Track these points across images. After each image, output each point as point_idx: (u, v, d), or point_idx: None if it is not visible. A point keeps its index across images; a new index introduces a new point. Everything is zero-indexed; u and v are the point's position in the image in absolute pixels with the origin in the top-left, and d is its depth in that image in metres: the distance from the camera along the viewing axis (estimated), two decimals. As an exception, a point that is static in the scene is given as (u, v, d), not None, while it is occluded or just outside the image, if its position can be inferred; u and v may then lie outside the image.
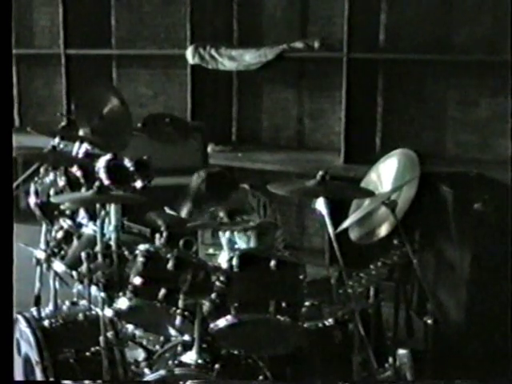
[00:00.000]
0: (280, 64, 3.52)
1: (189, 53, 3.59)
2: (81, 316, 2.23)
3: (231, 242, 2.62)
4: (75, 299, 2.38)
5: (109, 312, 2.10)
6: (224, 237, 2.38)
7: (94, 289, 2.20)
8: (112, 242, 2.22)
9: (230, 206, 2.59)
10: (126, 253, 2.23)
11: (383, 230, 2.45)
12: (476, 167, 2.83)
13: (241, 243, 2.63)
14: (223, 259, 2.13)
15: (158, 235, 2.23)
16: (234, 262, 2.03)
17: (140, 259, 2.11)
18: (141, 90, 4.13)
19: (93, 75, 3.91)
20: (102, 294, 2.12)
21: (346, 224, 2.46)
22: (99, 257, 2.15)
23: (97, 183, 2.18)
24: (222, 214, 2.51)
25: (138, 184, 2.50)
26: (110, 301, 2.12)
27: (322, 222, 2.23)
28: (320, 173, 2.12)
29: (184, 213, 2.54)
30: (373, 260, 2.29)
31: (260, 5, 3.74)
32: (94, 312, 2.22)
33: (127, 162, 2.52)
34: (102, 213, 2.22)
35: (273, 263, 2.01)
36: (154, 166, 2.54)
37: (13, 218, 1.39)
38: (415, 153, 2.61)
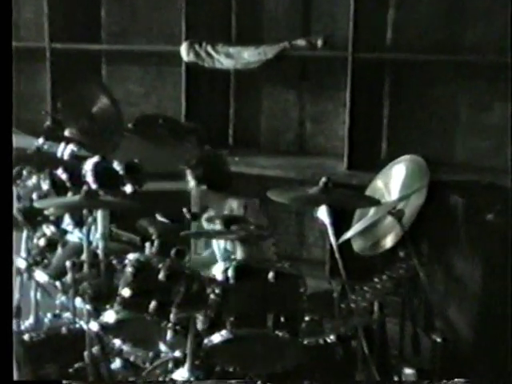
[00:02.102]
0: (281, 63, 3.52)
1: (183, 49, 3.59)
2: (64, 330, 2.25)
3: (227, 252, 2.66)
4: (58, 311, 2.41)
5: (95, 326, 2.10)
6: (219, 246, 2.47)
7: (78, 300, 2.21)
8: (99, 251, 2.27)
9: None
10: (115, 262, 2.24)
11: (389, 242, 2.47)
12: (488, 175, 2.84)
13: (240, 253, 2.64)
14: (218, 270, 2.16)
15: (148, 244, 2.26)
16: (230, 273, 2.06)
17: (129, 269, 2.13)
18: (132, 89, 4.12)
19: (81, 72, 3.89)
20: (88, 307, 2.13)
21: (349, 234, 2.48)
22: (85, 266, 2.17)
23: (84, 187, 2.21)
24: (217, 222, 2.52)
25: (128, 189, 2.51)
26: (96, 313, 2.13)
27: (324, 231, 2.29)
28: (322, 179, 2.14)
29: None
30: (377, 273, 2.30)
31: (260, 0, 3.75)
32: (78, 325, 2.23)
33: (117, 165, 2.54)
34: (89, 219, 2.25)
35: (271, 275, 2.04)
36: (145, 169, 2.56)
37: (12, 220, 1.42)
38: (424, 159, 2.63)
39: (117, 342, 2.20)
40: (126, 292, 2.08)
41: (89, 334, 2.09)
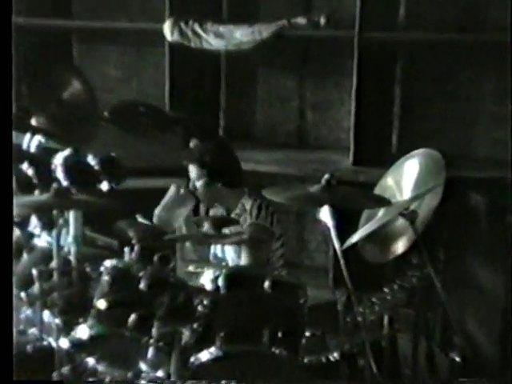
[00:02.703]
0: (278, 44, 3.53)
1: (167, 28, 3.59)
2: (30, 347, 2.22)
3: (217, 258, 2.70)
4: (23, 327, 2.37)
5: (65, 342, 2.11)
6: (209, 251, 2.53)
7: (47, 314, 2.21)
8: (71, 257, 2.28)
9: (225, 206, 2.66)
10: (89, 270, 2.28)
11: (400, 247, 2.48)
12: (513, 171, 2.83)
13: (229, 259, 2.69)
14: (207, 278, 2.17)
15: (127, 249, 2.27)
16: (221, 282, 2.07)
17: (105, 278, 2.15)
18: (108, 72, 4.12)
19: (49, 51, 3.86)
20: (58, 321, 2.13)
21: (355, 238, 2.48)
22: (55, 275, 2.16)
23: (53, 184, 2.20)
24: (206, 225, 2.55)
25: (105, 186, 2.51)
26: (66, 329, 2.13)
27: (327, 235, 2.25)
28: (325, 176, 2.16)
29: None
30: (387, 282, 2.32)
31: (255, -29, 3.78)
32: (46, 342, 2.22)
33: (91, 159, 2.54)
34: (60, 221, 2.23)
35: (267, 284, 2.05)
36: (124, 164, 2.56)
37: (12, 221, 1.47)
38: (440, 153, 2.64)
39: (90, 360, 2.19)
40: (101, 304, 2.09)
41: (58, 352, 2.10)
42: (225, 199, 2.71)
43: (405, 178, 2.66)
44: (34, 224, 2.49)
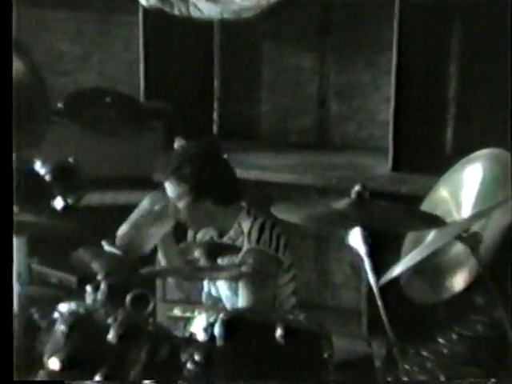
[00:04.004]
0: (290, 10, 3.55)
1: (141, -12, 3.61)
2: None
3: (212, 298, 2.71)
4: None
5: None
6: (199, 289, 2.55)
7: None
8: (14, 300, 2.22)
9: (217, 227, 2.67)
10: (37, 317, 2.26)
11: (459, 282, 2.46)
12: None
13: (223, 298, 2.68)
14: (199, 326, 2.15)
15: (90, 287, 2.26)
16: (217, 330, 2.07)
17: (60, 327, 2.13)
18: (62, 47, 4.10)
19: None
20: (-4, 385, 2.12)
21: (397, 271, 2.45)
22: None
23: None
24: (197, 254, 2.54)
25: (59, 203, 2.52)
26: (8, 395, 2.09)
27: (358, 266, 2.36)
28: (356, 188, 2.16)
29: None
30: (442, 330, 2.34)
31: None
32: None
33: (40, 167, 2.57)
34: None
35: (279, 333, 2.05)
36: (84, 173, 2.57)
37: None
38: (512, 155, 2.66)
39: None
40: (54, 363, 2.08)
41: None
42: (216, 219, 2.71)
43: (464, 188, 2.65)
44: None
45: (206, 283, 2.73)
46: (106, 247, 2.48)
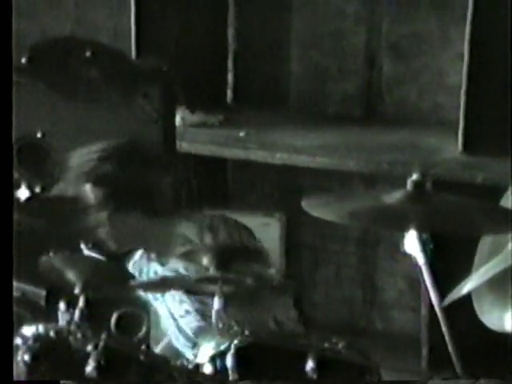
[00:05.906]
0: None
1: None
2: None
3: (223, 319, 2.51)
4: None
5: None
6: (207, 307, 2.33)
7: None
8: None
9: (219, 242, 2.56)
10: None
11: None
12: None
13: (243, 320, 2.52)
14: (205, 354, 2.16)
15: (63, 304, 2.25)
16: (229, 360, 2.08)
17: (24, 357, 2.12)
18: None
19: None
20: None
21: (467, 287, 2.32)
22: None
23: None
24: (206, 260, 2.45)
25: (22, 193, 2.46)
26: None
27: (415, 278, 2.26)
28: (414, 176, 2.07)
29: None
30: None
31: None
32: None
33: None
34: None
35: (310, 365, 2.05)
36: (57, 153, 2.56)
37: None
38: None
39: None
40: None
41: None
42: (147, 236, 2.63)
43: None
44: None
45: (216, 299, 2.51)
46: (85, 251, 2.49)
